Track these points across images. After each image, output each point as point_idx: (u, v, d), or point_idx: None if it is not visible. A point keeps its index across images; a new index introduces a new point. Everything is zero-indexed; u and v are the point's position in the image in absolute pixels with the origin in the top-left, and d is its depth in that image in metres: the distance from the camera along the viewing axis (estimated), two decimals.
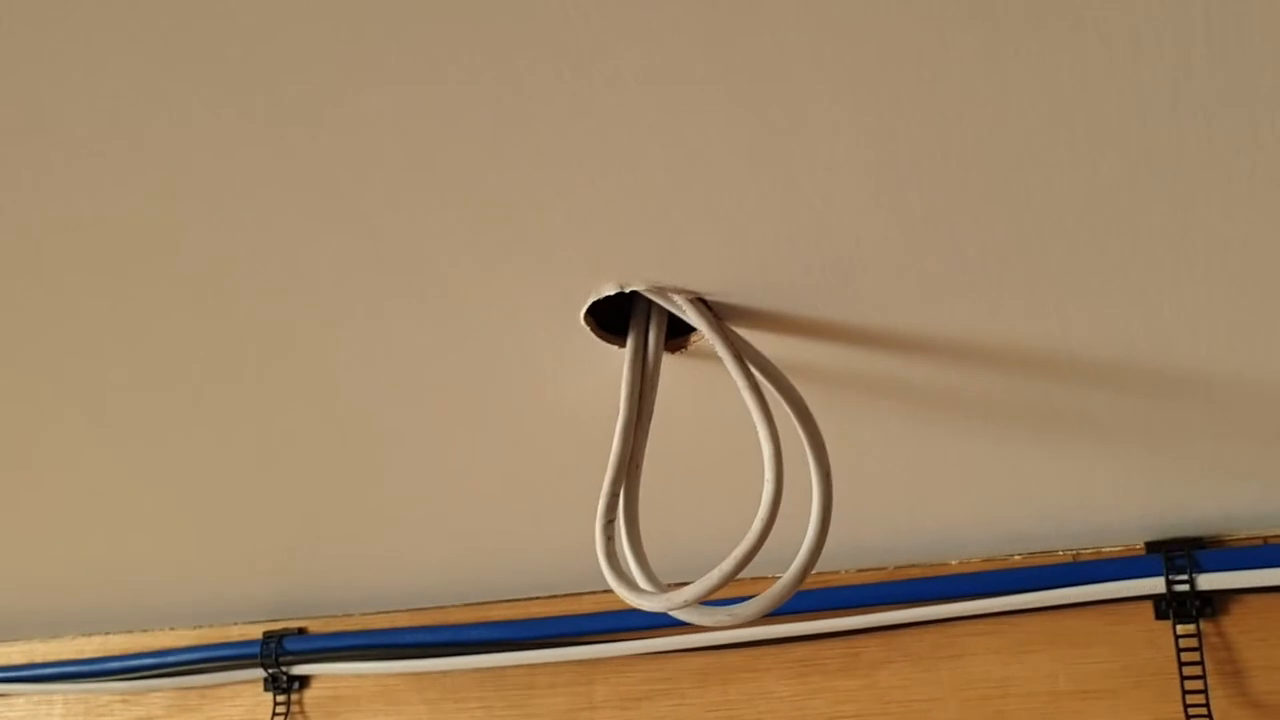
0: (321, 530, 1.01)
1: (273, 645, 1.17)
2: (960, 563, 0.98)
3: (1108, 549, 0.96)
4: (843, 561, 1.00)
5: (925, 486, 0.87)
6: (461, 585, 1.10)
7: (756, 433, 0.66)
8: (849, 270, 0.62)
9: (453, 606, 1.12)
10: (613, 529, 0.68)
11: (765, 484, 0.65)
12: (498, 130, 0.52)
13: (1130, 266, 0.61)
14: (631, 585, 0.67)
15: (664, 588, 0.67)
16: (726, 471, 0.83)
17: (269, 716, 1.17)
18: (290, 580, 1.14)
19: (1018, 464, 0.83)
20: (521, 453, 0.82)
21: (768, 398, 0.67)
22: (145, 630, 1.28)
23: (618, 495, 0.69)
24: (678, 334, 0.71)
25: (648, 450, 0.69)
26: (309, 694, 1.17)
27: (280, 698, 1.17)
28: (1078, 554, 0.96)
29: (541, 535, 0.95)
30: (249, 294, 0.65)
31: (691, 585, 0.64)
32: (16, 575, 1.15)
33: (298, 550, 1.06)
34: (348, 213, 0.58)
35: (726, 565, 0.64)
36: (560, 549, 0.97)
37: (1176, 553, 0.92)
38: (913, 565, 0.99)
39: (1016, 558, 0.97)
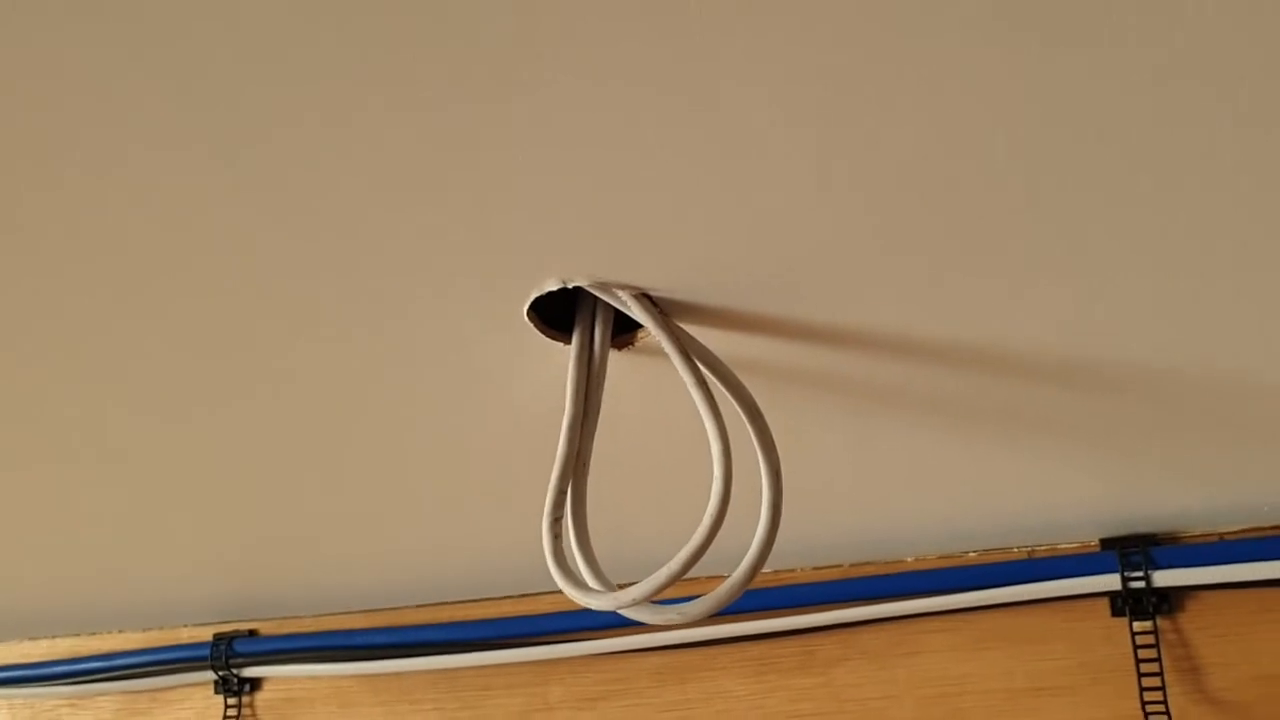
0: (273, 531, 0.99)
1: (223, 647, 1.15)
2: (916, 560, 0.97)
3: (1063, 546, 0.95)
4: (798, 559, 0.99)
5: (877, 483, 0.86)
6: (415, 586, 1.08)
7: (705, 430, 0.65)
8: (795, 266, 0.61)
9: (406, 607, 1.11)
10: (560, 527, 0.67)
11: (714, 481, 0.64)
12: (434, 125, 0.50)
13: (1081, 262, 0.60)
14: (579, 584, 0.66)
15: (612, 587, 0.66)
16: (675, 469, 0.82)
17: (220, 719, 1.16)
18: (241, 581, 1.12)
19: (970, 461, 0.83)
20: (470, 452, 0.81)
21: (715, 395, 0.66)
22: (93, 633, 1.26)
23: (565, 493, 0.67)
24: (624, 330, 0.70)
25: (595, 448, 0.68)
26: (260, 696, 1.15)
27: (231, 700, 1.15)
28: (1033, 551, 0.95)
29: (495, 535, 0.94)
30: (194, 296, 0.64)
31: (639, 584, 0.63)
32: None
33: (248, 551, 1.05)
34: (280, 214, 0.56)
35: (674, 564, 0.63)
36: (514, 549, 0.96)
37: (1132, 549, 0.92)
38: (868, 563, 0.98)
39: (972, 555, 0.96)
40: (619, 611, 0.65)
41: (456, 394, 0.74)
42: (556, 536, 0.67)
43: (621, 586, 0.65)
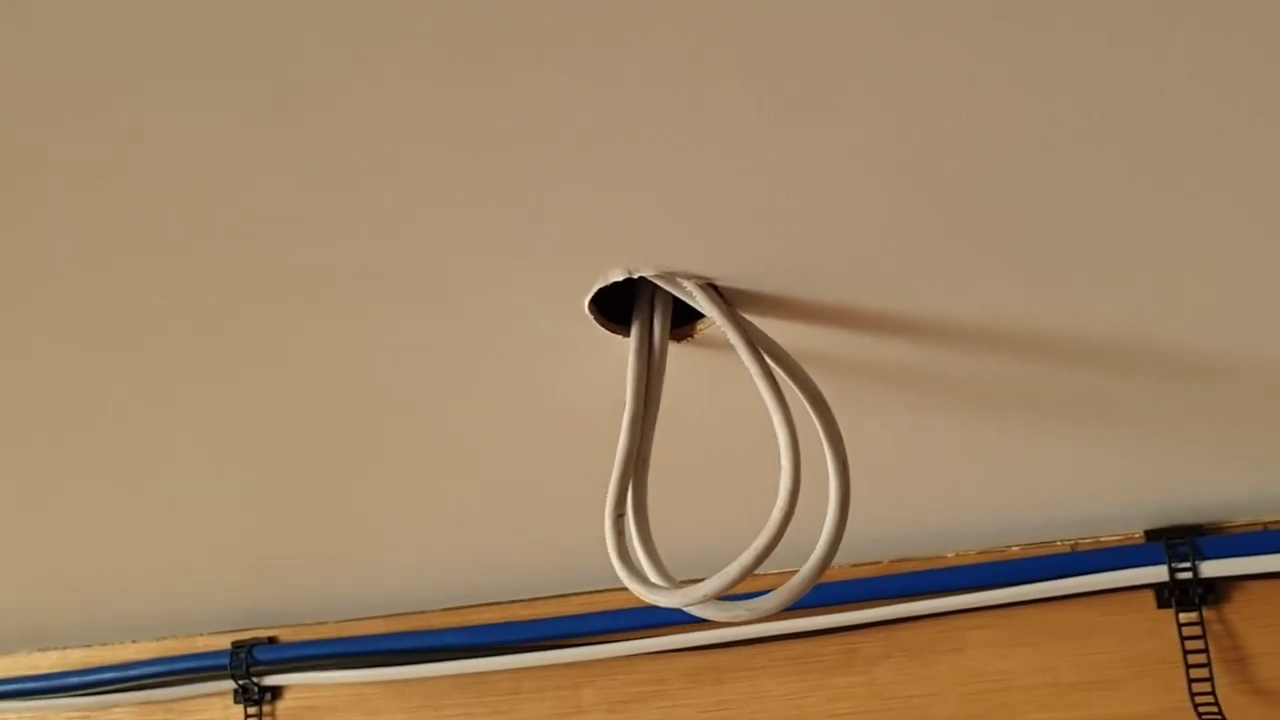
0: (296, 536, 0.97)
1: (243, 655, 1.13)
2: (956, 555, 0.96)
3: (1106, 538, 0.95)
4: (837, 556, 0.97)
5: (925, 478, 0.85)
6: (440, 590, 1.06)
7: (766, 422, 0.64)
8: (860, 255, 0.60)
9: (431, 612, 1.09)
10: (623, 524, 0.65)
11: (782, 474, 0.63)
12: (498, 117, 0.49)
13: (1144, 251, 0.60)
14: (645, 581, 0.64)
15: (677, 584, 0.65)
16: (732, 464, 0.81)
17: None
18: (259, 588, 1.10)
19: (1020, 453, 0.82)
20: (520, 449, 0.79)
21: (781, 385, 0.64)
22: (105, 644, 1.23)
23: (626, 489, 0.66)
24: (682, 322, 0.68)
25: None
26: (281, 705, 1.13)
27: (251, 710, 1.13)
28: (1076, 544, 0.95)
29: (540, 534, 0.92)
30: (233, 295, 0.62)
31: (709, 580, 0.62)
32: None
33: (268, 557, 1.03)
34: (339, 208, 0.55)
35: (745, 558, 0.62)
36: (560, 548, 0.94)
37: (1178, 540, 0.91)
38: (908, 559, 0.97)
39: (1014, 549, 0.95)
40: (686, 609, 0.64)
41: (510, 389, 0.72)
42: (620, 533, 0.65)
43: (683, 584, 0.64)
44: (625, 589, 1.02)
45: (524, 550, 0.96)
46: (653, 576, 0.65)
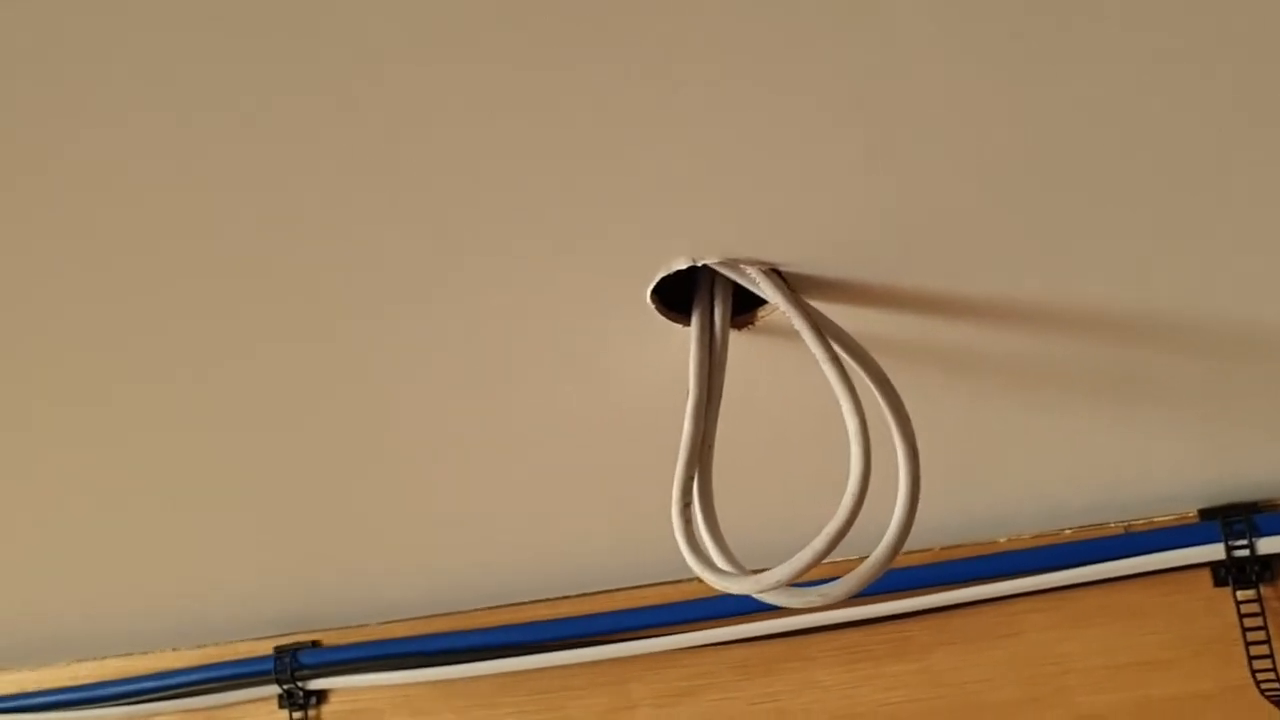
0: (338, 537, 0.97)
1: (287, 660, 1.12)
2: (1009, 540, 0.96)
3: (1159, 518, 0.94)
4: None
5: (977, 463, 0.85)
6: (483, 589, 1.06)
7: (827, 408, 0.64)
8: (926, 238, 0.60)
9: (475, 610, 1.08)
10: (690, 513, 0.65)
11: (853, 460, 0.62)
12: (564, 103, 0.48)
13: (1198, 229, 0.60)
14: (716, 569, 0.64)
15: (746, 571, 0.64)
16: (790, 453, 0.80)
17: None
18: (299, 593, 1.09)
19: (1077, 434, 0.81)
20: (576, 442, 0.79)
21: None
22: (144, 652, 1.22)
23: (692, 479, 0.66)
24: (741, 310, 0.68)
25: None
26: (327, 709, 1.12)
27: (297, 715, 1.12)
28: (1129, 525, 0.94)
29: (595, 527, 0.92)
30: (281, 286, 0.61)
31: (782, 566, 0.62)
32: (4, 600, 1.10)
33: (309, 561, 1.02)
34: (402, 197, 0.54)
35: (818, 544, 0.61)
36: (607, 543, 0.94)
37: (1234, 518, 0.90)
38: (960, 545, 0.96)
39: (1067, 532, 0.95)
40: (757, 595, 0.64)
41: (566, 381, 0.72)
42: (688, 522, 0.65)
43: (752, 572, 0.63)
44: (671, 583, 1.03)
45: (588, 543, 0.95)
46: (723, 564, 0.65)
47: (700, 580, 0.59)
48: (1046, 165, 0.54)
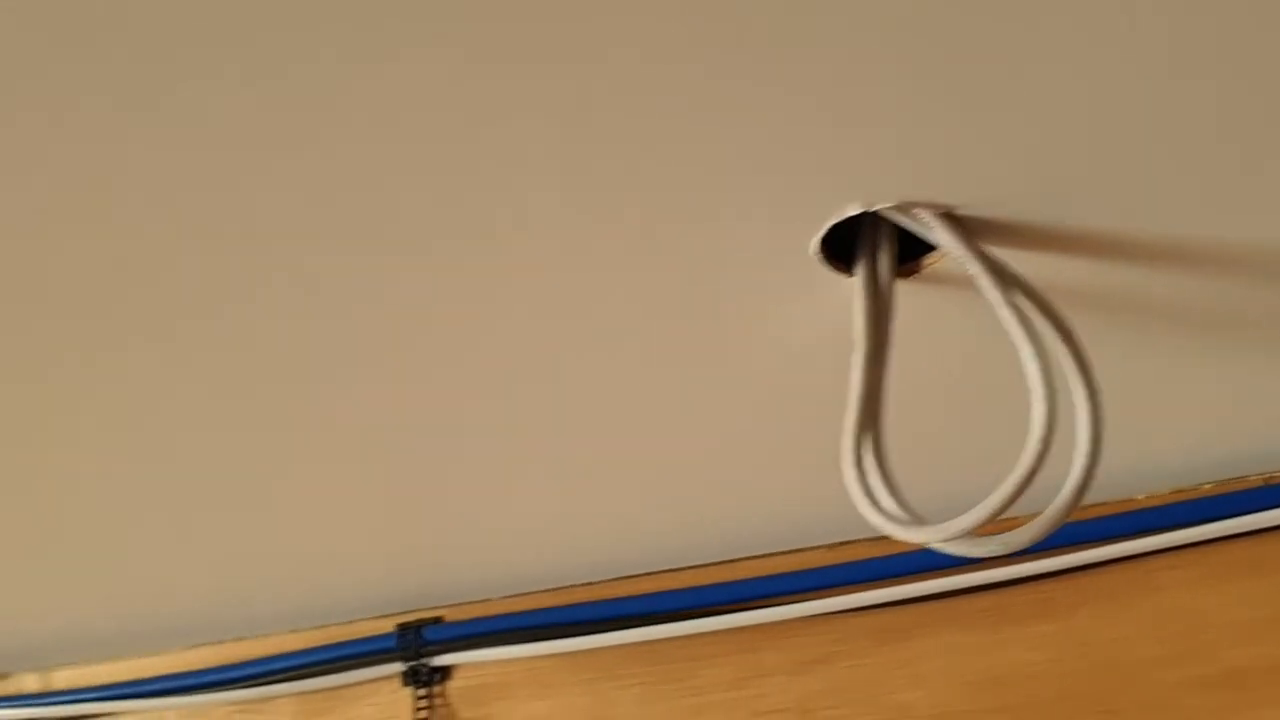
0: (458, 513, 0.97)
1: (410, 636, 1.12)
2: (1147, 496, 0.95)
3: None
4: (1024, 505, 0.96)
5: (1129, 414, 0.84)
6: (612, 560, 1.06)
7: (1000, 357, 0.63)
8: (1098, 178, 0.59)
9: (600, 582, 1.08)
10: (863, 466, 0.65)
11: (1034, 405, 0.62)
12: (742, 51, 0.48)
13: None
14: (898, 520, 0.63)
15: (926, 522, 0.64)
16: (960, 404, 0.80)
17: (409, 713, 1.13)
18: (419, 568, 1.09)
19: (1232, 381, 0.81)
20: (737, 397, 0.78)
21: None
22: (261, 635, 1.23)
23: (865, 431, 0.65)
24: (905, 259, 0.67)
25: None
26: (452, 685, 1.13)
27: (421, 691, 1.13)
28: (1270, 477, 0.93)
29: (755, 487, 0.91)
30: (407, 255, 0.61)
31: (967, 514, 0.61)
32: (117, 588, 1.11)
33: (429, 535, 1.02)
34: (565, 149, 0.54)
35: (1004, 490, 0.61)
36: (776, 504, 0.93)
37: None
38: (1098, 504, 0.95)
39: (1207, 486, 0.94)
40: (937, 546, 0.63)
41: (727, 336, 0.72)
42: (862, 474, 0.65)
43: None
44: (797, 550, 1.02)
45: (742, 507, 0.95)
46: (901, 514, 0.64)
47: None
48: (1235, 103, 0.54)
